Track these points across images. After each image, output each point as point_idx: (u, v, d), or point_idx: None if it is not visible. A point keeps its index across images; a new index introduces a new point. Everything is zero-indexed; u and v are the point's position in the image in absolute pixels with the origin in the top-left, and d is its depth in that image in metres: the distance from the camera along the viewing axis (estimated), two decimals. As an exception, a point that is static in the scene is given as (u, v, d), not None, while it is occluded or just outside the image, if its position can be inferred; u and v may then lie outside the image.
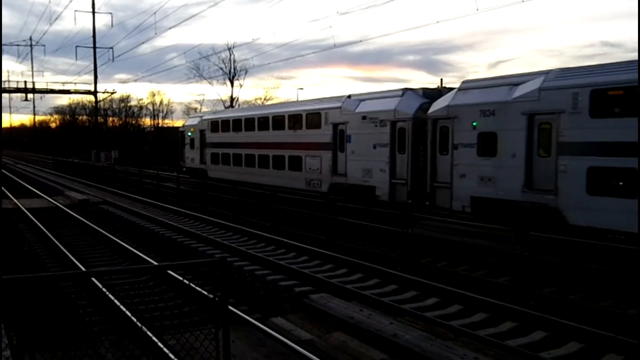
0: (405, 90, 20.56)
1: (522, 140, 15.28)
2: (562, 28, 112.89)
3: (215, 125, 34.16)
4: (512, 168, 15.54)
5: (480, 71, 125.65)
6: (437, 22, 65.59)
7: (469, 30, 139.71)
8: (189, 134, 37.99)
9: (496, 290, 11.56)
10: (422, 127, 18.93)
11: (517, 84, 15.83)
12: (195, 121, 38.15)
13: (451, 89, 18.97)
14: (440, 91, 19.89)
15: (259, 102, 68.52)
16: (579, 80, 14.16)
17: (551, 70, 15.33)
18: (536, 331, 9.11)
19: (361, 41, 37.47)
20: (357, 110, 21.87)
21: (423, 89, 20.63)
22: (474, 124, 16.69)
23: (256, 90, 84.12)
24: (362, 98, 22.51)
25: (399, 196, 19.86)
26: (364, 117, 21.36)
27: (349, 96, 23.26)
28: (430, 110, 18.51)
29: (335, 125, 22.96)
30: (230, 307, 7.76)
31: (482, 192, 16.45)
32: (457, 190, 17.23)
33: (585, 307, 10.36)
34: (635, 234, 12.05)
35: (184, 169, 38.77)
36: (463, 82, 18.23)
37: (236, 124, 31.60)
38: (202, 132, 35.88)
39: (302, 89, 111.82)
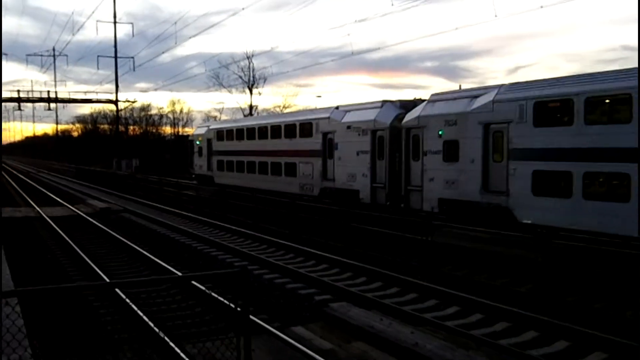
0: (384, 101, 22.51)
1: (479, 147, 17.17)
2: (582, 32, 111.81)
3: (221, 134, 36.43)
4: (472, 172, 17.43)
5: (499, 77, 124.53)
6: (456, 28, 65.17)
7: (488, 35, 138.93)
8: (197, 142, 40.30)
9: (518, 299, 11.44)
10: (398, 135, 20.77)
11: (475, 97, 17.69)
12: (202, 130, 40.34)
13: (424, 100, 20.47)
14: (415, 102, 21.44)
15: (278, 109, 68.70)
16: (524, 93, 15.97)
17: (503, 84, 17.13)
18: (559, 341, 8.99)
19: (379, 48, 39.02)
20: (343, 120, 23.81)
21: (400, 100, 22.51)
22: (440, 132, 18.60)
23: (275, 98, 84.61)
24: (347, 109, 24.44)
25: (379, 199, 21.84)
26: (348, 127, 23.32)
27: (337, 107, 25.17)
28: (404, 120, 20.38)
29: (324, 134, 24.98)
30: (250, 316, 7.78)
31: (448, 194, 18.35)
32: (427, 193, 19.16)
33: (610, 316, 10.21)
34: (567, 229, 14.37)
35: (193, 176, 41.12)
36: (432, 95, 19.99)
37: (239, 133, 33.76)
38: (209, 140, 38.03)
39: (320, 96, 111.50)
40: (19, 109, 76.22)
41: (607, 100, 14.11)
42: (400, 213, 19.42)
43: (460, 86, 19.59)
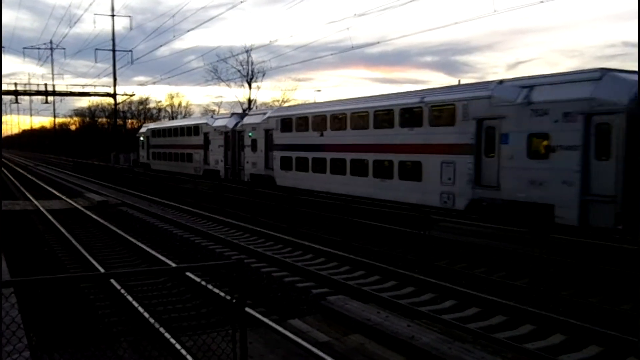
0: (233, 113, 38.97)
1: (263, 143, 31.24)
2: (583, 28, 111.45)
3: (154, 132, 51.96)
4: (261, 158, 31.42)
5: (500, 72, 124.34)
6: (456, 23, 64.72)
7: (488, 30, 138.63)
8: (141, 139, 55.02)
9: (515, 293, 11.46)
10: (236, 135, 34.86)
11: (264, 114, 32.34)
12: (144, 129, 56.17)
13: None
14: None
15: (277, 104, 68.53)
16: (278, 113, 30.88)
17: (273, 107, 33.98)
18: (555, 334, 9.02)
19: (379, 42, 45.22)
20: (213, 125, 38.43)
21: (243, 112, 40.47)
22: (250, 134, 32.79)
23: (274, 92, 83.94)
24: (216, 117, 40.75)
25: (228, 175, 35.76)
26: (215, 129, 37.90)
27: (212, 115, 44.79)
28: (237, 126, 34.74)
29: (205, 134, 39.44)
30: (247, 309, 7.77)
31: (253, 171, 32.63)
32: (246, 171, 33.70)
33: (605, 310, 10.23)
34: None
35: (139, 164, 55.46)
36: (249, 111, 38.85)
37: (164, 132, 49.08)
38: (147, 137, 53.31)
39: (319, 90, 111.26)
40: (17, 102, 76.26)
41: (298, 121, 28.27)
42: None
43: (459, 81, 21.94)
